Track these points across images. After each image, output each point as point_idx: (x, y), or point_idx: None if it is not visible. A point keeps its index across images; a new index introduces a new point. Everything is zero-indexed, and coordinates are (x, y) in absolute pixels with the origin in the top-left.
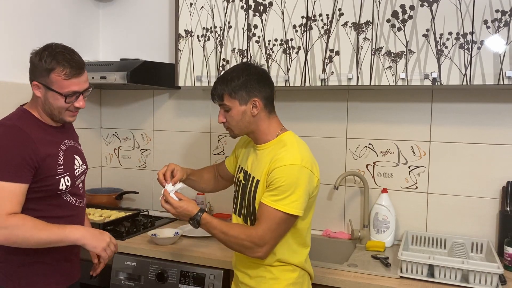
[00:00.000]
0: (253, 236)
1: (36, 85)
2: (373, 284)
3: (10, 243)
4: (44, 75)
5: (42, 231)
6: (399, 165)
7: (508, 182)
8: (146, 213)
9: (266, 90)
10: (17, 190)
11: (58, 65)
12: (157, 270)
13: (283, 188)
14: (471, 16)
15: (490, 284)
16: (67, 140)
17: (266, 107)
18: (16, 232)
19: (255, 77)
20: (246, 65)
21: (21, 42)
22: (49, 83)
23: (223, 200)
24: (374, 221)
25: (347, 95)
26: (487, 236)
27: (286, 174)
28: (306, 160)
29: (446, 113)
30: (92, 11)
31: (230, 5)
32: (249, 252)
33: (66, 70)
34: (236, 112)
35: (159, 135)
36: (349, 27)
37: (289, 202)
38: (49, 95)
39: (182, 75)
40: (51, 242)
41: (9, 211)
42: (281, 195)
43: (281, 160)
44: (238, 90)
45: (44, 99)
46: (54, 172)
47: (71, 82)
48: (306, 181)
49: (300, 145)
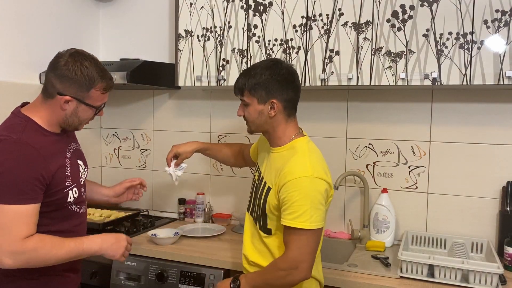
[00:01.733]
0: (285, 263)
1: (69, 100)
2: (373, 284)
3: (31, 266)
4: (83, 91)
5: (61, 249)
6: (399, 165)
7: (508, 182)
8: (146, 213)
9: (287, 92)
10: (31, 211)
11: (100, 81)
12: (157, 270)
13: (298, 203)
14: (471, 16)
15: (490, 284)
16: (70, 145)
17: (285, 110)
18: (36, 255)
19: (278, 78)
20: (273, 62)
21: (21, 42)
22: (85, 98)
23: (223, 200)
24: (374, 221)
25: (347, 95)
26: (487, 236)
27: (299, 188)
28: (317, 170)
29: (446, 113)
30: (92, 11)
31: (230, 5)
32: (291, 280)
33: (104, 85)
34: (253, 109)
35: (159, 135)
36: (349, 27)
37: (308, 217)
38: (81, 108)
39: (182, 75)
40: (71, 258)
41: (25, 235)
42: (299, 211)
43: (291, 173)
44: (258, 88)
45: (71, 113)
46: (63, 185)
47: (106, 96)
48: (320, 192)
49: (312, 153)
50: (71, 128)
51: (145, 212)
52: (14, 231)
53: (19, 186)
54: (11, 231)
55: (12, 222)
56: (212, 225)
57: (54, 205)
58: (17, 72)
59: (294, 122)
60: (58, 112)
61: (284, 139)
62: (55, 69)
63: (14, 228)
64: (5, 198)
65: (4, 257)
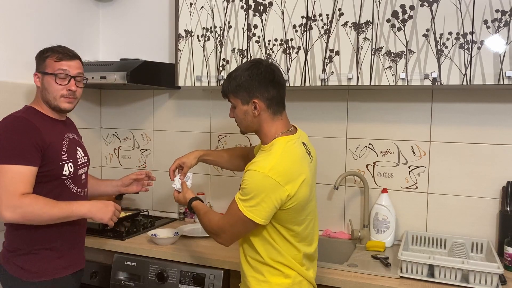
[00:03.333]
0: (215, 224)
1: (36, 75)
2: (373, 284)
3: (26, 221)
4: (41, 63)
5: (53, 208)
6: (399, 165)
7: (508, 182)
8: (146, 213)
9: (268, 91)
10: (28, 172)
11: (52, 52)
12: (157, 270)
13: (245, 191)
14: (471, 16)
15: (490, 284)
16: (70, 133)
17: (269, 108)
18: (31, 210)
19: (257, 77)
20: (252, 63)
21: (21, 42)
22: (43, 68)
23: (223, 200)
24: (374, 221)
25: (347, 95)
26: (487, 236)
27: (250, 179)
28: (276, 171)
29: (446, 113)
30: (92, 11)
31: (230, 5)
32: (214, 238)
33: (57, 55)
34: (239, 110)
35: (159, 135)
36: (349, 27)
37: (249, 205)
38: (45, 80)
39: (182, 75)
40: (61, 218)
41: (22, 192)
42: (244, 197)
43: (253, 164)
44: (239, 90)
45: (42, 88)
46: (59, 157)
47: (61, 64)
48: (269, 191)
49: (284, 154)
50: (51, 104)
51: (145, 212)
52: (12, 187)
53: (17, 149)
54: (10, 188)
55: (11, 180)
56: None
57: (50, 176)
58: (17, 72)
59: (282, 120)
60: (38, 91)
61: (269, 137)
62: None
63: (13, 185)
64: (5, 159)
65: (4, 210)
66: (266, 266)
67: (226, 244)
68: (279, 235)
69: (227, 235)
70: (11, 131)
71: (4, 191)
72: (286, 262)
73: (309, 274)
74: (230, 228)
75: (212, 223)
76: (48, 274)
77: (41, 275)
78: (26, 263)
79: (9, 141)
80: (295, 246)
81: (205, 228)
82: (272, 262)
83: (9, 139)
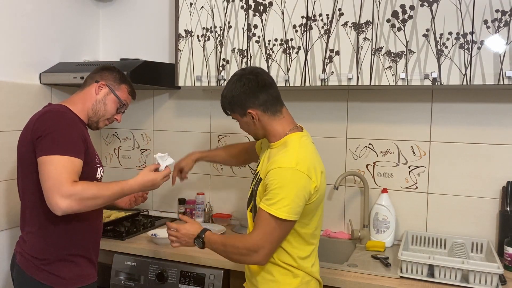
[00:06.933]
0: (248, 242)
1: (102, 86)
2: (373, 284)
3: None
4: (115, 84)
5: (107, 190)
6: (399, 165)
7: (508, 182)
8: (146, 213)
9: (258, 98)
10: (77, 164)
11: (128, 83)
12: (157, 270)
13: (275, 191)
14: (471, 16)
15: (490, 284)
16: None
17: (266, 112)
18: (86, 195)
19: (243, 90)
20: (236, 77)
21: (21, 42)
22: (116, 89)
23: (223, 200)
24: (374, 221)
25: (347, 95)
26: (487, 236)
27: (279, 177)
28: (302, 164)
29: (446, 113)
30: (92, 11)
31: (230, 5)
32: (247, 260)
33: (131, 89)
34: (242, 123)
35: (159, 135)
36: (349, 27)
37: (281, 206)
38: (109, 97)
39: (182, 75)
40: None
41: (73, 180)
42: (274, 199)
43: (276, 162)
44: (233, 106)
45: (99, 100)
46: (93, 160)
47: (129, 98)
48: (299, 185)
49: (302, 148)
50: (94, 118)
51: (145, 212)
52: (65, 176)
53: (67, 141)
54: (63, 177)
55: (62, 169)
56: (212, 225)
57: (85, 178)
58: (17, 72)
59: (285, 118)
60: (90, 97)
61: (279, 134)
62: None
63: (65, 174)
64: (57, 150)
65: (60, 199)
66: (276, 266)
67: (264, 261)
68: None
69: (266, 249)
70: (60, 123)
71: (58, 181)
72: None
73: (315, 270)
74: (268, 239)
75: (240, 247)
76: (83, 280)
77: (75, 282)
78: (62, 270)
79: (59, 133)
80: (307, 240)
81: (232, 256)
82: (281, 263)
83: (60, 131)
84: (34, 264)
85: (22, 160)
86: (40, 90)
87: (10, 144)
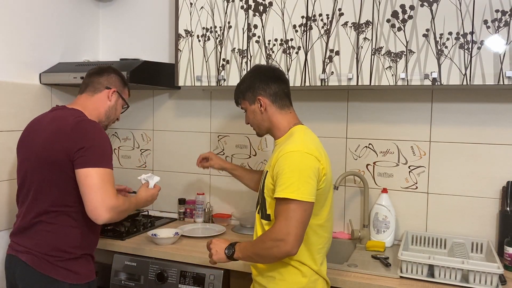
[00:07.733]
0: (272, 233)
1: (115, 94)
2: (373, 284)
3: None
4: (121, 86)
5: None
6: (399, 165)
7: (508, 182)
8: (146, 213)
9: (270, 86)
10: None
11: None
12: (157, 270)
13: (287, 175)
14: (471, 16)
15: (490, 284)
16: None
17: (274, 103)
18: (122, 209)
19: (259, 76)
20: (255, 67)
21: (21, 42)
22: (123, 94)
23: (223, 200)
24: (374, 221)
25: (347, 95)
26: (487, 236)
27: (289, 161)
28: (309, 147)
29: (446, 113)
30: (92, 11)
31: (230, 5)
32: (276, 252)
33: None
34: (249, 112)
35: (159, 135)
36: (349, 27)
37: (296, 188)
38: (119, 102)
39: (182, 75)
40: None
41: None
42: (287, 183)
43: (283, 149)
44: (245, 91)
45: (112, 106)
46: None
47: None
48: (310, 166)
49: (307, 136)
50: (106, 122)
51: (145, 212)
52: (110, 189)
53: (109, 154)
54: (109, 189)
55: (108, 182)
56: (212, 225)
57: None
58: (17, 72)
59: (291, 114)
60: (103, 104)
61: (283, 128)
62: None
63: (110, 187)
64: (103, 163)
65: (105, 211)
66: (284, 264)
67: (294, 250)
68: None
69: (291, 235)
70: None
71: (105, 194)
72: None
73: (323, 269)
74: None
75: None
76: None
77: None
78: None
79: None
80: (317, 232)
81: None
82: (290, 261)
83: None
84: (49, 262)
85: (48, 165)
86: (40, 90)
87: (10, 144)
